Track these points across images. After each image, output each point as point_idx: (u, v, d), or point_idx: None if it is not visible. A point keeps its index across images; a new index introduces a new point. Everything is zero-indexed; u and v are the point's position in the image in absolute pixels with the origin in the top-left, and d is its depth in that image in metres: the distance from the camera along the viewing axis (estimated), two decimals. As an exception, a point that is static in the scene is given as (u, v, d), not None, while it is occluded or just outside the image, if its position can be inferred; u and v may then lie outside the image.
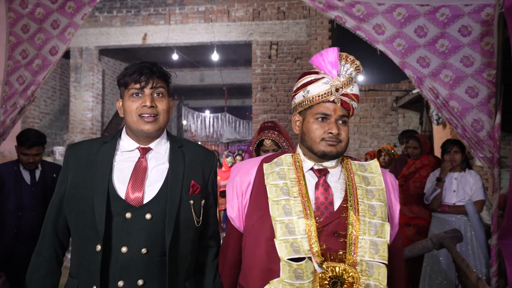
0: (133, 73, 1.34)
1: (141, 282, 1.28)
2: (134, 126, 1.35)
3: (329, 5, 2.90)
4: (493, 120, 2.66)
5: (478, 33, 2.71)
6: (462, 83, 2.73)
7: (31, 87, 3.27)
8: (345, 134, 1.26)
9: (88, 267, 1.28)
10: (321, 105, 1.26)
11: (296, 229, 1.19)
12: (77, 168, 1.37)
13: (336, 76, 1.24)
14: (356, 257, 1.15)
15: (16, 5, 3.31)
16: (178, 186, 1.35)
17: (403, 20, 2.80)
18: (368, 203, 1.23)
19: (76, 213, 1.33)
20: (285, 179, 1.28)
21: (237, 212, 1.34)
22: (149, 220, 1.30)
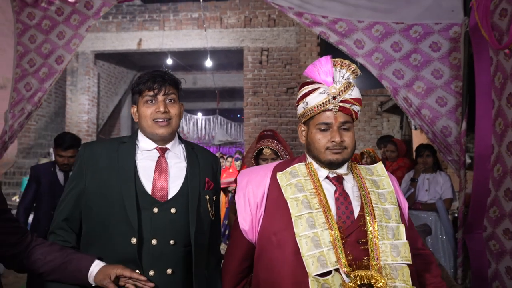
0: (147, 81, 1.42)
1: (170, 271, 1.35)
2: (149, 130, 1.43)
3: (314, 21, 3.19)
4: (459, 126, 2.97)
5: (446, 49, 3.02)
6: (433, 93, 3.04)
7: (38, 93, 3.50)
8: (350, 140, 1.26)
9: (122, 259, 1.31)
10: (322, 114, 1.25)
11: (321, 241, 1.19)
12: (98, 166, 1.41)
13: (331, 84, 1.24)
14: (379, 262, 1.16)
15: (24, 17, 3.54)
16: (196, 182, 1.44)
17: (381, 36, 3.10)
18: (382, 207, 1.25)
19: (105, 210, 1.36)
20: (304, 191, 1.26)
21: (250, 224, 1.32)
22: (174, 214, 1.38)
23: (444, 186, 3.15)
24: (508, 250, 2.40)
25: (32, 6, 3.50)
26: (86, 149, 1.45)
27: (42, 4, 3.48)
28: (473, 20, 2.72)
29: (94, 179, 1.39)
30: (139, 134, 1.49)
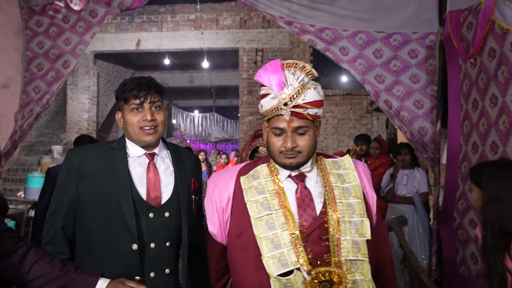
0: (133, 89, 1.40)
1: (168, 271, 1.40)
2: (136, 137, 1.44)
3: (303, 30, 3.45)
4: (435, 127, 3.25)
5: (423, 56, 3.29)
6: (411, 97, 3.31)
7: (46, 96, 3.75)
8: (304, 144, 1.23)
9: (124, 265, 1.34)
10: (276, 118, 1.22)
11: (281, 242, 1.19)
12: (90, 173, 1.40)
13: (282, 89, 1.19)
14: (340, 258, 1.17)
15: (32, 24, 3.78)
16: (185, 185, 1.47)
17: (363, 44, 3.37)
18: (346, 202, 1.23)
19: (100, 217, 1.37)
20: (264, 193, 1.26)
21: (218, 228, 1.33)
22: (167, 217, 1.41)
23: (420, 181, 3.45)
24: (473, 238, 2.69)
25: (40, 14, 3.74)
26: (74, 156, 1.42)
27: (49, 12, 3.71)
28: (447, 31, 2.99)
29: (88, 187, 1.38)
30: (126, 141, 1.49)
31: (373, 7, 3.34)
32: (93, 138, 3.19)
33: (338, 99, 7.47)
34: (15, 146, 3.79)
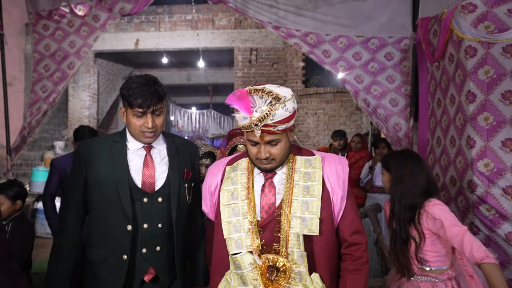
0: (137, 98, 1.49)
1: (158, 248, 1.57)
2: (136, 137, 1.59)
3: (289, 34, 3.76)
4: (408, 123, 3.57)
5: (398, 58, 3.61)
6: (387, 95, 3.63)
7: (53, 94, 4.05)
8: (277, 152, 1.34)
9: (119, 241, 1.52)
10: (250, 132, 1.32)
11: (241, 227, 1.34)
12: (95, 163, 1.56)
13: (250, 114, 1.27)
14: (288, 249, 1.30)
15: (39, 28, 4.07)
16: (176, 175, 1.62)
17: (344, 47, 3.68)
18: (302, 199, 1.33)
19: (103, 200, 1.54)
20: (236, 184, 1.41)
21: (209, 208, 1.53)
22: (160, 202, 1.58)
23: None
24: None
25: (47, 19, 4.03)
26: (83, 148, 1.60)
27: (55, 17, 4.01)
28: (418, 36, 3.30)
29: (93, 174, 1.55)
30: (127, 135, 1.62)
31: (352, 13, 3.65)
32: (93, 128, 3.27)
33: (329, 96, 7.78)
34: (24, 141, 4.10)
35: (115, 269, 1.52)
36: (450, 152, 2.77)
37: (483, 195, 2.43)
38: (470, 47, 2.51)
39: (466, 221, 2.56)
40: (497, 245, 2.40)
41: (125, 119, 1.59)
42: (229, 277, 1.37)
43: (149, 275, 1.58)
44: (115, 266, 1.52)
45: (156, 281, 1.59)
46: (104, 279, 1.53)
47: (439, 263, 1.82)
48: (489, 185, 2.42)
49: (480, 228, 2.45)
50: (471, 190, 2.48)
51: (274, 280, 1.30)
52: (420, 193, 1.83)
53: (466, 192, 2.54)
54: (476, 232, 2.47)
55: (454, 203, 2.71)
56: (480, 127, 2.46)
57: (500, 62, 2.38)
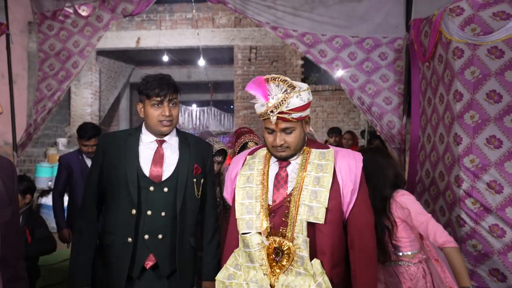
0: (155, 88, 1.63)
1: (160, 236, 1.66)
2: (154, 128, 1.69)
3: (286, 34, 3.88)
4: (401, 121, 3.69)
5: (392, 58, 3.72)
6: (381, 94, 3.75)
7: (57, 93, 4.17)
8: (292, 140, 1.42)
9: (125, 225, 1.64)
10: (267, 120, 1.43)
11: (253, 210, 1.44)
12: (110, 153, 1.70)
13: (267, 100, 1.38)
14: (294, 234, 1.38)
15: (44, 28, 4.19)
16: (185, 169, 1.72)
17: (340, 47, 3.80)
18: (311, 189, 1.40)
19: (114, 187, 1.68)
20: (253, 170, 1.51)
21: (229, 194, 1.63)
22: (166, 192, 1.68)
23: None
24: (427, 216, 3.15)
25: (51, 19, 4.15)
26: (103, 139, 1.79)
27: (59, 17, 4.13)
28: (411, 36, 3.42)
29: (107, 163, 1.71)
30: (143, 128, 1.76)
31: (348, 14, 3.76)
32: (96, 125, 3.30)
33: (327, 94, 7.90)
34: (29, 138, 4.23)
35: (121, 252, 1.63)
36: (439, 149, 2.90)
37: (468, 189, 2.56)
38: (457, 49, 2.63)
39: (453, 214, 2.69)
40: (482, 236, 2.53)
41: (142, 114, 1.71)
42: (237, 254, 1.48)
43: (150, 262, 1.66)
44: (121, 249, 1.63)
45: (156, 269, 1.67)
46: (111, 261, 1.66)
47: (410, 247, 1.98)
48: (474, 180, 2.54)
49: (466, 220, 2.58)
50: (458, 185, 2.61)
51: (279, 261, 1.39)
52: (390, 186, 1.99)
53: (453, 186, 2.67)
54: (462, 225, 2.60)
55: (442, 197, 2.84)
56: (466, 125, 2.59)
57: (485, 63, 2.50)
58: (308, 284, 1.35)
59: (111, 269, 1.66)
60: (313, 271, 1.36)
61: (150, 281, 1.67)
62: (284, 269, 1.38)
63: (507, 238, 2.44)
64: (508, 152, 2.44)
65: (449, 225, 2.75)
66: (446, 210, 2.78)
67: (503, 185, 2.46)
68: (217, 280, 1.49)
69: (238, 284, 1.44)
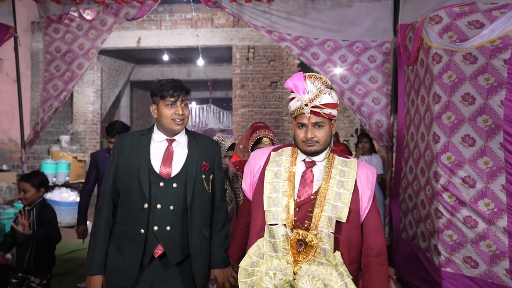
0: (169, 89, 1.75)
1: (168, 228, 1.77)
2: (168, 126, 1.80)
3: (281, 37, 4.09)
4: (389, 120, 3.91)
5: (380, 60, 3.93)
6: (370, 95, 3.96)
7: (63, 93, 4.38)
8: (321, 135, 1.52)
9: (137, 218, 1.76)
10: (300, 116, 1.53)
11: (280, 203, 1.53)
12: (125, 152, 1.82)
13: (303, 94, 1.50)
14: (317, 228, 1.48)
15: (50, 31, 4.40)
16: (194, 166, 1.82)
17: (331, 50, 4.01)
18: (336, 190, 1.51)
19: (128, 183, 1.78)
20: (280, 167, 1.60)
21: (249, 186, 1.72)
22: (175, 188, 1.78)
23: (377, 165, 4.13)
24: (411, 209, 3.38)
25: (57, 23, 4.35)
26: (118, 140, 1.88)
27: (65, 21, 4.33)
28: (398, 40, 3.64)
29: (122, 161, 1.82)
30: (155, 128, 1.87)
31: (339, 19, 3.97)
32: (125, 123, 3.35)
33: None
34: (37, 136, 4.44)
35: (134, 241, 1.77)
36: (421, 146, 3.12)
37: (445, 184, 2.79)
38: (436, 54, 2.85)
39: (432, 207, 2.92)
40: (457, 227, 2.76)
41: (155, 115, 1.83)
42: (261, 243, 1.56)
43: (158, 251, 1.79)
44: (134, 239, 1.77)
45: (164, 257, 1.80)
46: (124, 250, 1.80)
47: None
48: (450, 176, 2.77)
49: (443, 213, 2.81)
50: (436, 180, 2.84)
51: (302, 252, 1.50)
52: None
53: (432, 181, 2.90)
54: (439, 216, 2.83)
55: (423, 191, 3.07)
56: (444, 124, 2.81)
57: (461, 68, 2.72)
58: (330, 273, 1.48)
59: (125, 257, 1.78)
60: (335, 262, 1.48)
61: (158, 268, 1.80)
62: (307, 259, 1.50)
63: (479, 228, 2.67)
64: (481, 150, 2.67)
65: (428, 217, 2.99)
66: (426, 203, 3.01)
67: (476, 180, 2.69)
68: (240, 267, 1.59)
69: (261, 272, 1.54)
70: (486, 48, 2.60)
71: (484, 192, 2.65)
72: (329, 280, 1.46)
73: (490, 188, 2.63)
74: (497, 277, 2.62)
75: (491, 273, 2.64)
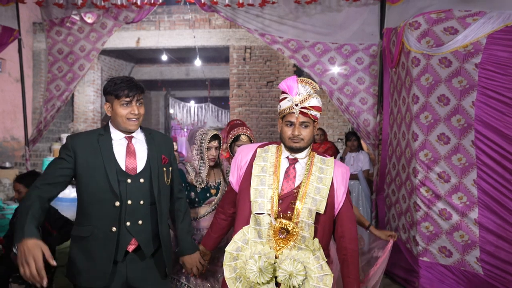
0: (124, 89, 1.74)
1: (140, 222, 1.81)
2: (123, 125, 1.79)
3: (273, 40, 4.28)
4: (376, 119, 4.11)
5: (367, 62, 4.13)
6: (357, 95, 4.16)
7: (65, 93, 4.58)
8: (306, 134, 1.68)
9: (107, 216, 1.75)
10: (289, 115, 1.68)
11: (265, 195, 1.69)
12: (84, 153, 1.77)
13: (295, 95, 1.65)
14: (298, 218, 1.64)
15: (53, 33, 4.59)
16: (155, 160, 1.87)
17: (321, 53, 4.20)
18: (316, 185, 1.68)
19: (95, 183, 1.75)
20: (266, 162, 1.75)
21: (236, 179, 1.85)
22: (142, 183, 1.82)
23: (363, 161, 4.34)
24: (394, 203, 3.59)
25: (59, 26, 4.54)
26: (73, 141, 1.80)
27: (67, 24, 4.52)
28: (384, 44, 3.83)
29: (82, 163, 1.76)
30: (111, 127, 1.85)
31: (328, 23, 4.16)
32: None
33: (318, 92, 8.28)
34: (40, 134, 4.64)
35: (103, 241, 1.76)
36: (402, 144, 3.32)
37: (423, 179, 2.99)
38: (415, 58, 3.04)
39: (411, 200, 3.12)
40: (433, 219, 2.96)
41: (110, 113, 1.82)
42: (246, 230, 1.71)
43: (132, 245, 1.82)
44: (103, 238, 1.76)
45: (138, 251, 1.84)
46: (92, 251, 1.77)
47: None
48: (427, 171, 2.97)
49: (420, 206, 3.01)
50: (415, 175, 3.04)
51: (284, 239, 1.67)
52: None
53: (411, 177, 3.10)
54: (417, 209, 3.03)
55: (404, 186, 3.27)
56: (422, 124, 3.01)
57: (437, 71, 2.92)
58: (308, 256, 1.66)
59: (93, 257, 1.76)
60: (313, 247, 1.66)
61: (131, 262, 1.83)
62: (288, 245, 1.67)
63: (453, 220, 2.87)
64: (455, 147, 2.87)
65: (408, 210, 3.19)
66: (407, 197, 3.22)
67: (451, 175, 2.89)
68: (226, 251, 1.73)
69: (245, 256, 1.69)
70: (460, 52, 2.79)
71: (458, 186, 2.85)
72: (307, 262, 1.65)
73: (463, 183, 2.83)
74: (468, 265, 2.82)
75: (464, 261, 2.84)
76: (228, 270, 1.72)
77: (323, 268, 1.67)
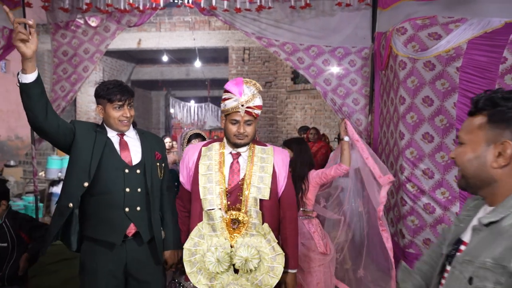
0: (117, 94, 1.90)
1: (138, 208, 1.98)
2: (115, 127, 1.98)
3: (269, 43, 4.47)
4: (367, 119, 4.29)
5: (360, 64, 4.30)
6: (350, 96, 4.34)
7: (70, 94, 4.76)
8: (250, 131, 1.83)
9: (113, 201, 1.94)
10: (234, 114, 1.80)
11: (214, 191, 1.81)
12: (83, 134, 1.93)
13: (240, 96, 1.77)
14: (247, 208, 1.79)
15: (58, 36, 4.77)
16: (149, 154, 2.05)
17: (315, 55, 4.38)
18: (258, 174, 1.83)
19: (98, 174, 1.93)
20: (211, 160, 1.87)
21: (186, 179, 1.96)
22: (138, 173, 1.99)
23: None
24: (383, 199, 3.77)
25: (64, 29, 4.72)
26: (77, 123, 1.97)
27: (71, 27, 4.70)
28: (375, 47, 4.01)
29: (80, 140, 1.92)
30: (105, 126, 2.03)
31: (322, 27, 4.34)
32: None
33: (315, 92, 8.48)
34: (46, 133, 4.82)
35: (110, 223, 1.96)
36: (391, 143, 3.51)
37: (409, 175, 3.17)
38: (402, 61, 3.23)
39: (398, 196, 3.30)
40: (418, 213, 3.14)
41: (102, 114, 1.99)
42: (200, 226, 1.85)
43: (132, 230, 1.99)
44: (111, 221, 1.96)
45: (137, 236, 2.00)
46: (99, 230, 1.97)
47: (311, 207, 2.72)
48: (413, 168, 3.16)
49: (406, 201, 3.19)
50: (401, 172, 3.23)
51: (236, 229, 1.83)
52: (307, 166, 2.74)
53: (398, 173, 3.29)
54: (404, 204, 3.21)
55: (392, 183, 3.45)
56: (407, 123, 3.19)
57: (422, 74, 3.10)
58: (260, 241, 1.81)
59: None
60: (264, 232, 1.82)
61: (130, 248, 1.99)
62: (241, 233, 1.82)
63: (436, 214, 3.06)
64: (438, 145, 3.05)
65: (396, 205, 3.38)
66: (394, 193, 3.40)
67: (434, 172, 3.07)
68: (185, 248, 1.84)
69: (203, 250, 1.81)
70: (442, 57, 2.98)
71: (441, 182, 3.04)
72: (260, 246, 1.82)
73: (446, 179, 3.02)
74: (450, 256, 3.00)
75: (446, 253, 3.02)
76: (188, 266, 1.83)
77: (275, 249, 1.83)
